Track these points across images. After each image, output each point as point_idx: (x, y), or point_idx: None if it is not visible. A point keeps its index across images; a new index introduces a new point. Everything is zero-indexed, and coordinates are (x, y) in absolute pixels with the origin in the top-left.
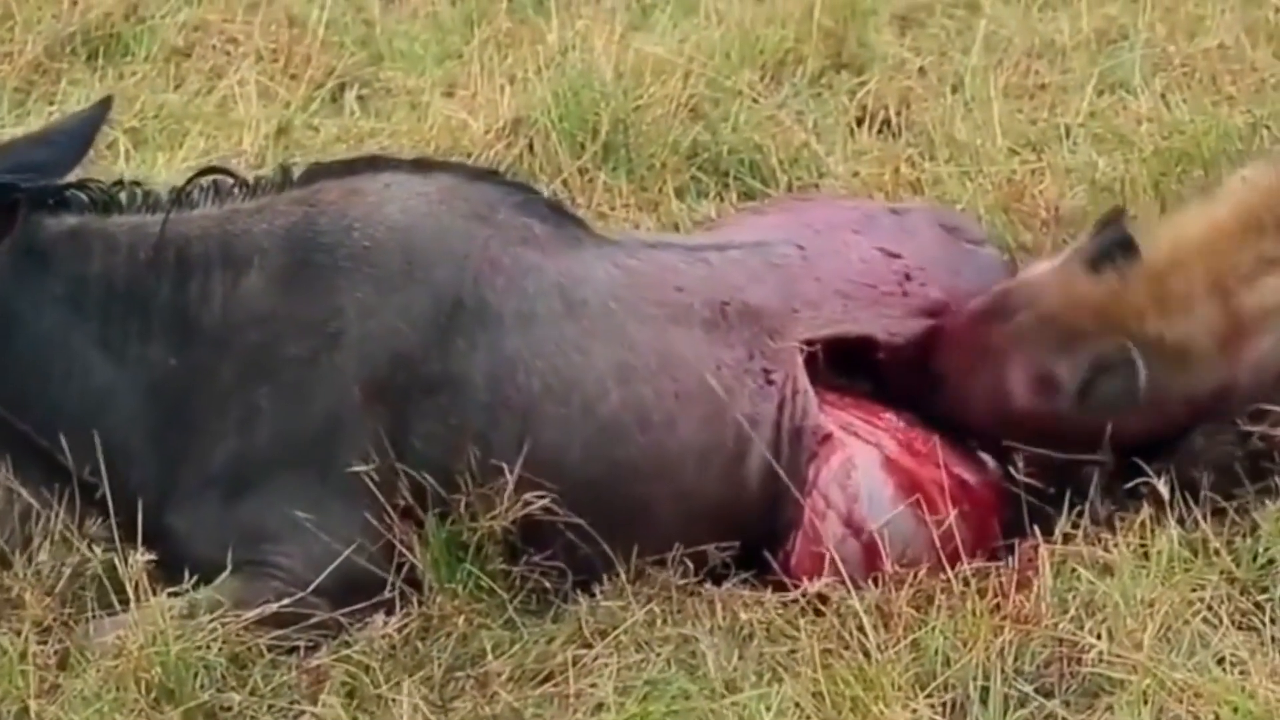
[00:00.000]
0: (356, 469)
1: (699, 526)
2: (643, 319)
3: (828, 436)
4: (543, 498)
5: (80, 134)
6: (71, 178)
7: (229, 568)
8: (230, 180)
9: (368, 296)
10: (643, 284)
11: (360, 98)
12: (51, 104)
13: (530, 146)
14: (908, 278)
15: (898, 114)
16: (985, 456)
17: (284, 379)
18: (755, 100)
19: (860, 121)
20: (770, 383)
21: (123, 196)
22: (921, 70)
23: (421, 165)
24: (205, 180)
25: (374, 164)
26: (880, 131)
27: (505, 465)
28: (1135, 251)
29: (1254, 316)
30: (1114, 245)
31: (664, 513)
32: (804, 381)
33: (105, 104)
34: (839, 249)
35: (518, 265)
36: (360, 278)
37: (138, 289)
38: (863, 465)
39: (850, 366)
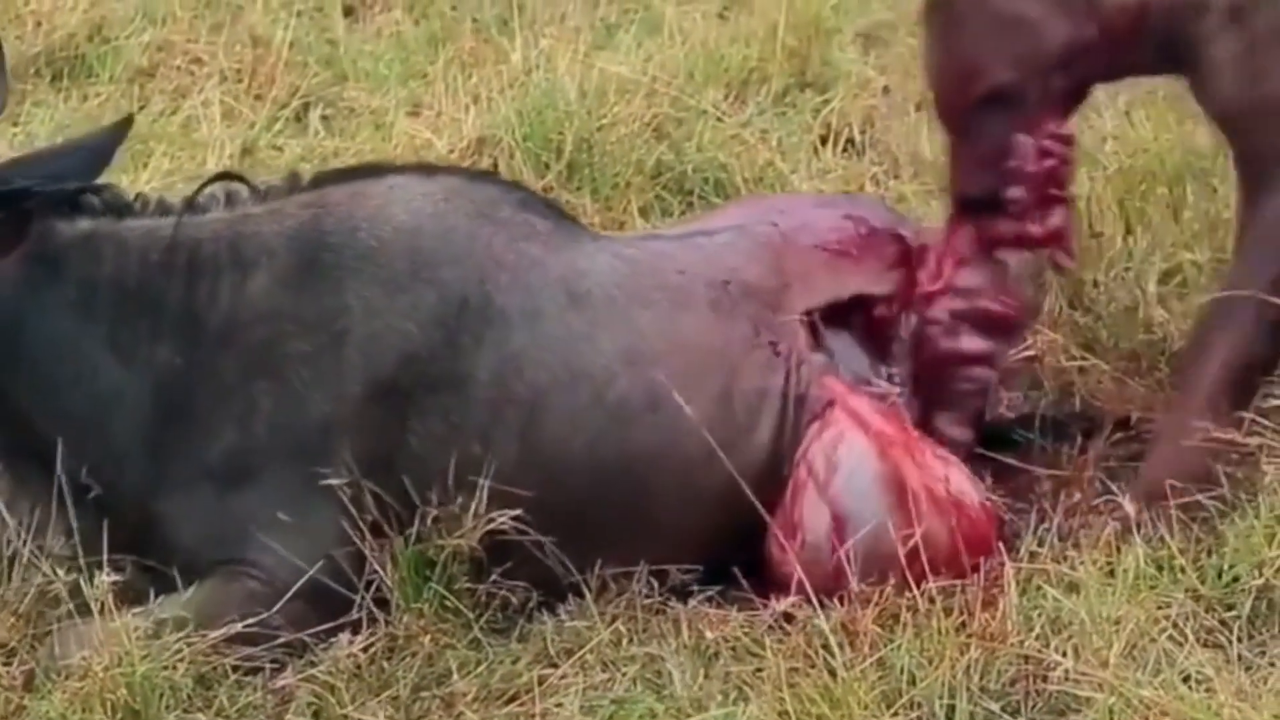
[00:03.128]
0: (343, 480)
1: (700, 515)
2: (646, 304)
3: (830, 403)
4: (526, 505)
5: (100, 149)
6: None
7: (206, 568)
8: (242, 186)
9: (374, 296)
10: (644, 271)
11: (324, 117)
12: (16, 125)
13: (495, 166)
14: (878, 238)
15: (862, 132)
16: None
17: (286, 376)
18: (719, 119)
19: (825, 140)
20: (778, 354)
21: (137, 202)
22: (886, 89)
23: (424, 168)
24: (217, 186)
25: (378, 169)
26: (845, 150)
27: (504, 463)
28: None
29: None
30: None
31: (669, 498)
32: (807, 354)
33: (126, 123)
34: (808, 224)
35: (522, 262)
36: (367, 277)
37: (149, 291)
38: (851, 442)
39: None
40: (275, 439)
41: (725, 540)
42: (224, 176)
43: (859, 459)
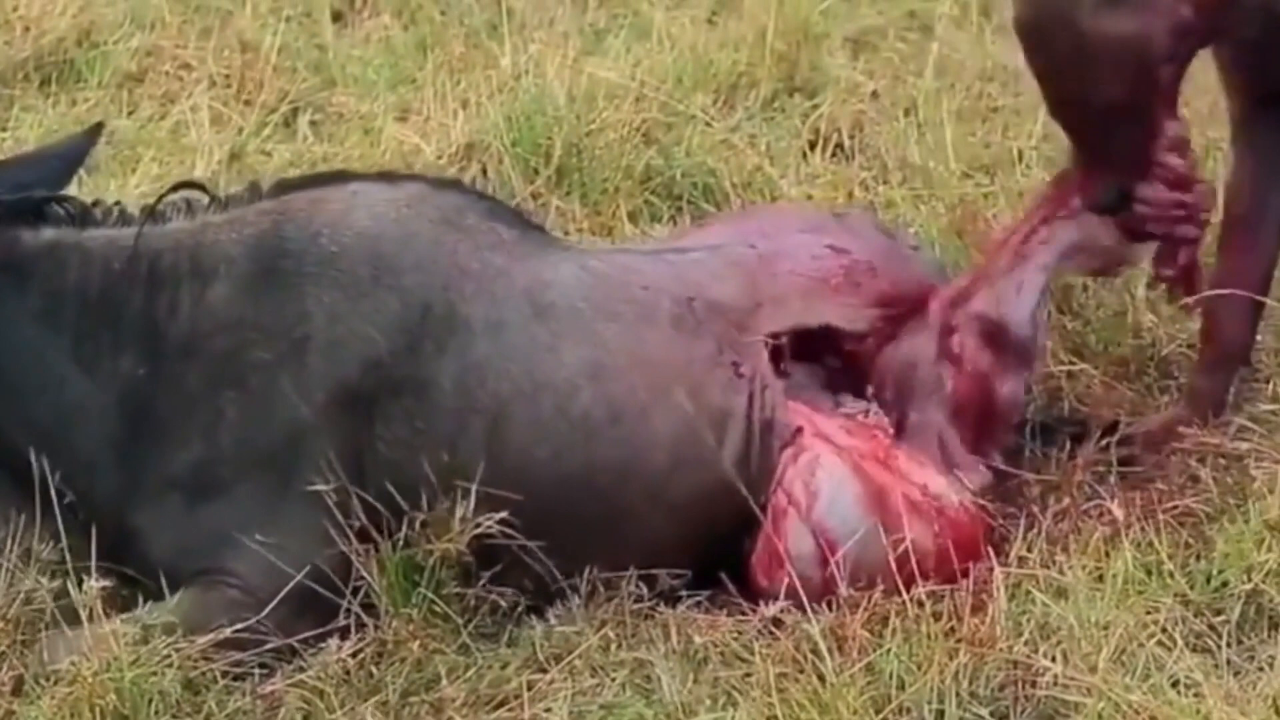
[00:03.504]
0: (317, 487)
1: (671, 527)
2: (611, 317)
3: (799, 430)
4: (505, 511)
5: (69, 157)
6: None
7: (185, 578)
8: (203, 195)
9: (335, 302)
10: (609, 284)
11: (313, 122)
12: (4, 130)
13: (484, 171)
14: (859, 269)
15: (851, 137)
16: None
17: (250, 384)
18: (708, 124)
19: (813, 145)
20: (740, 375)
21: (98, 211)
22: (874, 94)
23: (388, 176)
24: (178, 196)
25: (341, 176)
26: (833, 155)
27: (472, 472)
28: None
29: None
30: None
31: (635, 512)
32: (771, 377)
33: (96, 129)
34: (790, 248)
35: (486, 270)
36: (327, 283)
37: (110, 301)
38: (828, 465)
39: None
40: (242, 448)
41: (700, 550)
42: (185, 185)
43: (837, 482)
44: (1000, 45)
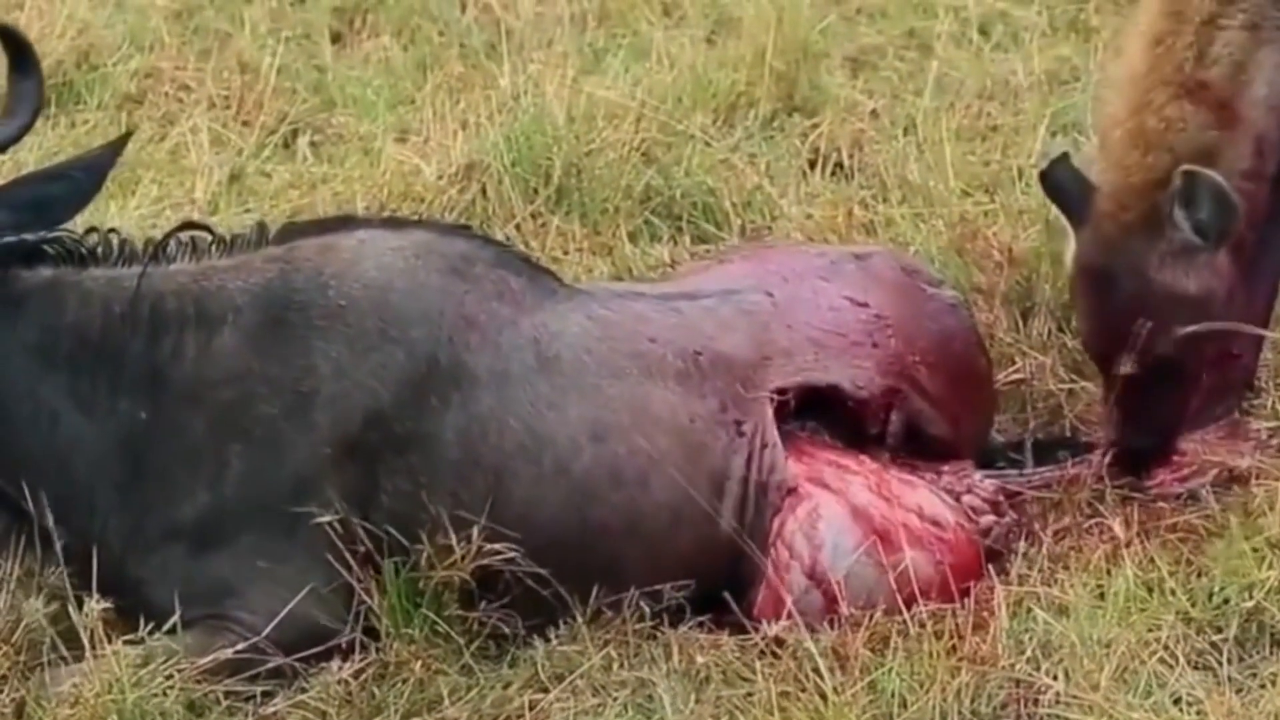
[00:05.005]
0: (320, 519)
1: (666, 579)
2: (616, 373)
3: (793, 490)
4: (508, 552)
5: (95, 169)
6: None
7: (189, 621)
8: (207, 236)
9: (342, 355)
10: (616, 336)
11: (313, 143)
12: (4, 152)
13: (483, 191)
14: (875, 328)
15: (850, 156)
16: (973, 496)
17: (256, 436)
18: (708, 143)
19: (813, 164)
20: (741, 434)
21: (98, 248)
22: (874, 112)
23: (395, 222)
24: (182, 235)
25: (348, 222)
26: (833, 174)
27: (473, 523)
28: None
29: (1225, 79)
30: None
31: (633, 569)
32: (773, 434)
33: (122, 140)
34: (808, 297)
35: (493, 321)
36: (334, 336)
37: (110, 342)
38: (828, 516)
39: (822, 413)
40: (248, 500)
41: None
42: (190, 226)
43: (839, 532)
44: (999, 64)
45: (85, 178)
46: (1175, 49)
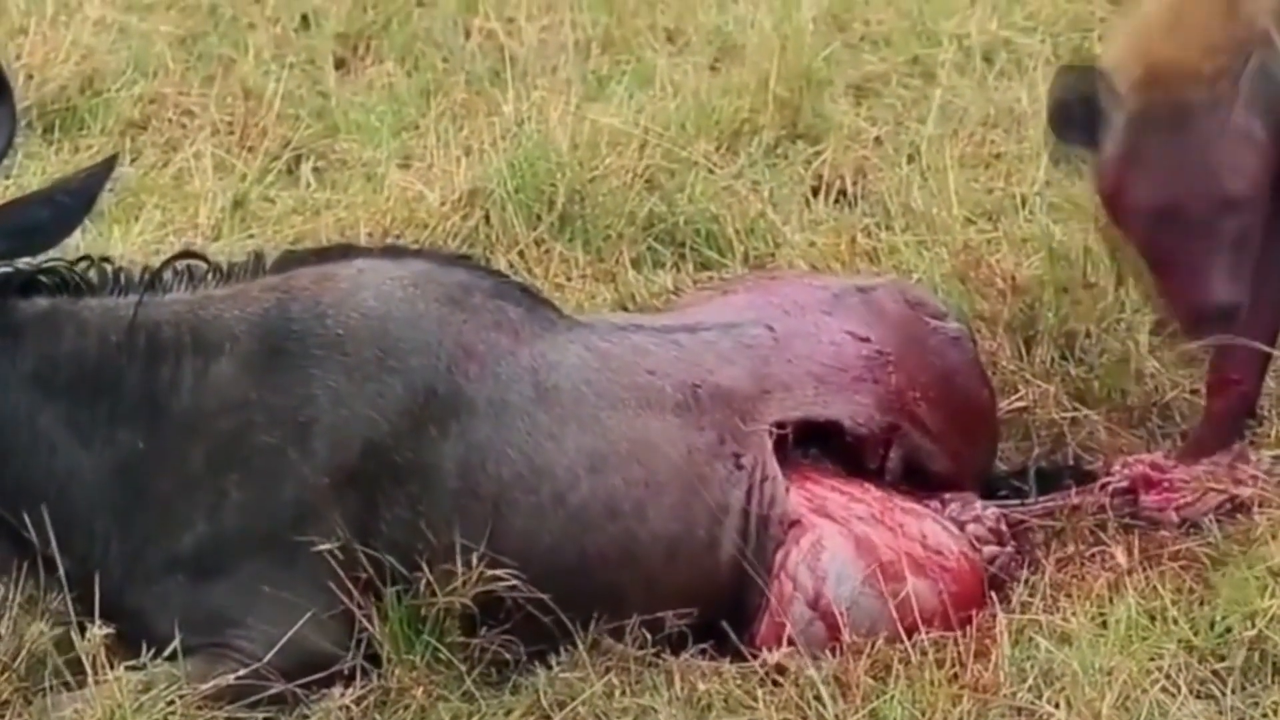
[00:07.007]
0: (320, 547)
1: (665, 609)
2: (614, 404)
3: (796, 522)
4: (508, 580)
5: (85, 193)
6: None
7: (190, 648)
8: (204, 265)
9: (340, 385)
10: (614, 367)
11: (316, 169)
12: (7, 178)
13: (486, 218)
14: (876, 364)
15: (854, 184)
16: (978, 525)
17: (254, 466)
18: (711, 171)
19: (816, 191)
20: (740, 467)
21: (94, 277)
22: (877, 140)
23: (393, 251)
24: (179, 264)
25: (346, 251)
26: (836, 201)
27: (472, 552)
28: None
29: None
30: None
31: (632, 599)
32: (773, 466)
33: (110, 162)
34: (809, 331)
35: (491, 351)
36: (333, 365)
37: (107, 372)
38: (832, 547)
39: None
40: (247, 530)
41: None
42: (186, 255)
43: (843, 564)
44: (1003, 91)
45: (73, 201)
46: None
